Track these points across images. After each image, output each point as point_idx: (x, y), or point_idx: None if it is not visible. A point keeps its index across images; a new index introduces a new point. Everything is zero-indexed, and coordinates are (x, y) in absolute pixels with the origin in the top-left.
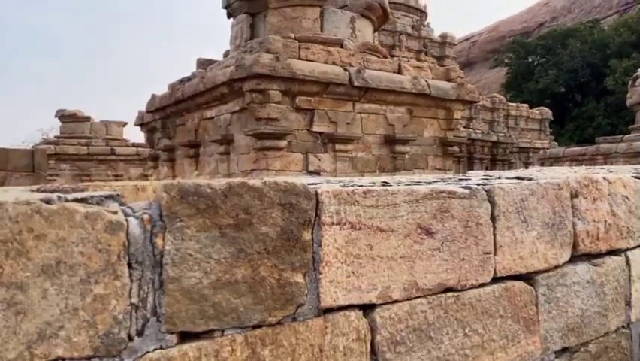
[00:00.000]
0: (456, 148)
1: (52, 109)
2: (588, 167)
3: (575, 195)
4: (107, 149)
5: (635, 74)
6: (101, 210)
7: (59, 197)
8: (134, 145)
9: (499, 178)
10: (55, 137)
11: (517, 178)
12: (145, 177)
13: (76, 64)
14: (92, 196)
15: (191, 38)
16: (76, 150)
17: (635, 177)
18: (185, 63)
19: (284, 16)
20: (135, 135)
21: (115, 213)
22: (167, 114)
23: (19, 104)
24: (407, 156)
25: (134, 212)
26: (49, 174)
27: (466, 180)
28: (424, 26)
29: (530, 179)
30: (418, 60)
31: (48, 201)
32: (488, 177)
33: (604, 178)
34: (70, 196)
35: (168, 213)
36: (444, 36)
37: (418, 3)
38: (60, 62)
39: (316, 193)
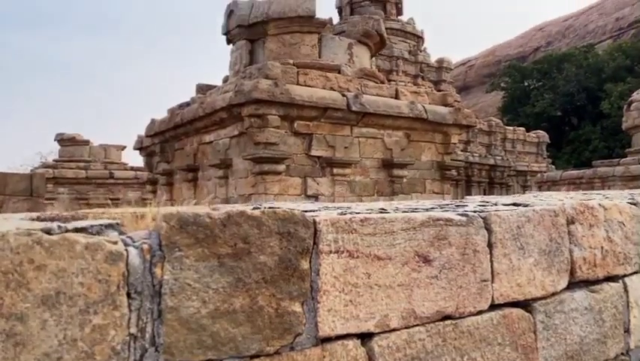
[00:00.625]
0: (453, 172)
1: (52, 132)
2: (584, 192)
3: (571, 221)
4: (105, 172)
5: (630, 99)
6: (101, 240)
7: (60, 227)
8: (132, 169)
9: (495, 205)
10: (54, 160)
11: (514, 204)
12: (143, 200)
13: (76, 87)
14: (92, 225)
15: (191, 63)
16: (75, 174)
17: (630, 203)
18: (185, 88)
19: (282, 42)
20: (134, 159)
21: (115, 243)
22: (166, 138)
23: (18, 128)
24: (405, 180)
25: (134, 242)
26: (47, 198)
27: (463, 206)
28: (420, 51)
29: (527, 205)
30: (415, 84)
31: (49, 231)
32: (485, 204)
33: (599, 205)
34: (70, 226)
35: (167, 243)
36: (440, 61)
37: (414, 29)
38: (60, 86)
39: (314, 222)
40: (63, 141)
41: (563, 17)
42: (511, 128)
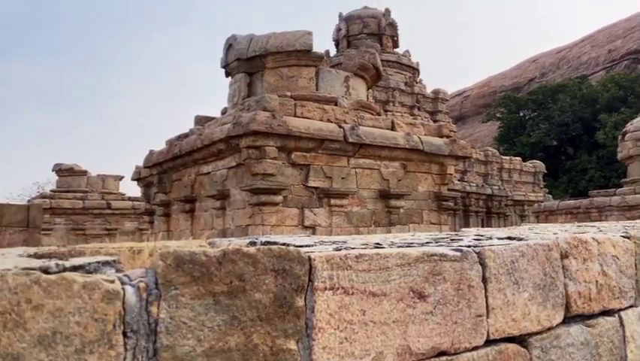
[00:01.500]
0: (450, 203)
1: (50, 162)
2: (579, 224)
3: (565, 255)
4: (102, 203)
5: (624, 129)
6: (98, 279)
7: (57, 265)
8: (129, 199)
9: (490, 239)
10: (51, 191)
11: (509, 238)
12: (140, 230)
13: (75, 117)
14: (90, 263)
15: (190, 95)
16: (72, 204)
17: (623, 237)
18: (184, 119)
19: (280, 75)
20: (131, 189)
21: (112, 282)
22: (164, 170)
23: (15, 158)
24: (402, 211)
25: (131, 280)
26: (44, 229)
27: (458, 240)
28: (416, 83)
29: (521, 239)
30: (412, 115)
31: (47, 270)
32: (480, 238)
33: (593, 238)
34: (68, 264)
35: (164, 282)
36: (436, 92)
37: (410, 61)
38: (59, 116)
39: (309, 258)
40: (61, 171)
41: (556, 49)
42: (507, 158)
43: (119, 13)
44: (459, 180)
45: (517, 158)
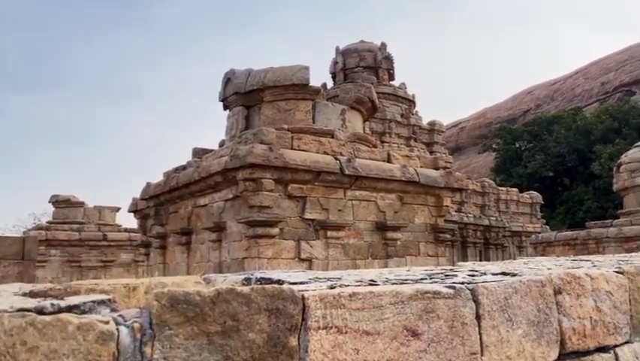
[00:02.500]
0: (447, 235)
1: (46, 192)
2: (574, 258)
3: (558, 291)
4: (98, 234)
5: (619, 161)
6: (93, 320)
7: (53, 305)
8: (126, 230)
9: (484, 275)
10: (47, 222)
11: (503, 274)
12: (136, 262)
13: (73, 149)
14: (85, 303)
15: (189, 127)
16: (68, 236)
17: (617, 272)
18: (183, 151)
19: (278, 108)
20: (128, 220)
21: (107, 322)
22: (161, 202)
23: (11, 188)
24: (399, 243)
25: (125, 321)
26: (39, 261)
27: (452, 276)
28: (412, 114)
29: (515, 274)
30: (408, 146)
31: (42, 310)
32: (474, 273)
33: (586, 274)
34: (63, 304)
35: (158, 322)
36: (432, 123)
37: (405, 93)
38: (57, 147)
39: (303, 297)
40: (58, 202)
41: (550, 81)
42: (504, 188)
43: (118, 46)
44: (456, 212)
45: (514, 189)
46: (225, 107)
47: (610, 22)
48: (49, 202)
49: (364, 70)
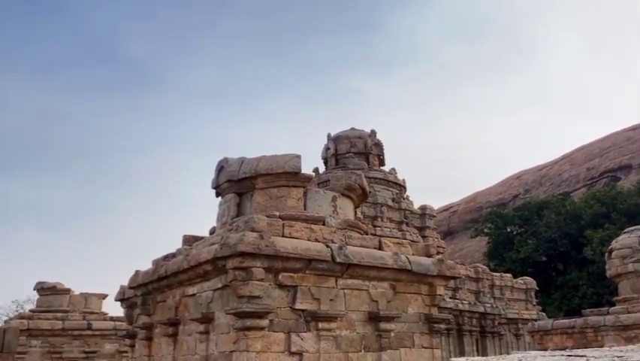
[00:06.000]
0: (442, 325)
1: (31, 277)
2: (569, 354)
3: None
4: (83, 323)
5: (610, 247)
6: None
7: None
8: (112, 319)
9: None
10: (30, 310)
11: None
12: (121, 353)
13: (61, 234)
14: None
15: (180, 213)
16: (51, 325)
17: None
18: (175, 236)
19: (269, 195)
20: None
21: None
22: (149, 290)
23: None
24: (393, 334)
25: None
26: (18, 352)
27: None
28: (403, 199)
29: None
30: (400, 230)
31: None
32: None
33: None
34: None
35: None
36: (423, 208)
37: (396, 178)
38: (45, 231)
39: None
40: (43, 290)
41: (538, 166)
42: (498, 274)
43: (110, 130)
44: (451, 298)
45: (508, 274)
46: (218, 195)
47: (591, 110)
48: (34, 289)
49: (355, 155)
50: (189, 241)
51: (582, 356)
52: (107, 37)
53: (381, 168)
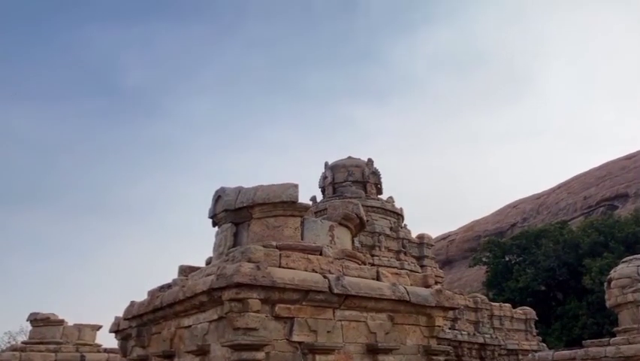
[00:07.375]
0: (441, 358)
1: (25, 307)
2: None
3: None
4: (76, 355)
5: (609, 277)
6: None
7: None
8: (105, 351)
9: None
10: (22, 342)
11: None
12: None
13: (54, 263)
14: None
15: (176, 243)
16: (43, 358)
17: None
18: (171, 266)
19: (266, 225)
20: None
21: None
22: (144, 322)
23: None
24: None
25: None
26: None
27: None
28: (401, 228)
29: None
30: (398, 260)
31: None
32: None
33: None
34: None
35: None
36: (421, 237)
37: (393, 207)
38: (37, 261)
39: None
40: (36, 321)
41: (535, 195)
42: (497, 304)
43: (105, 159)
44: (450, 329)
45: (507, 304)
46: (214, 224)
47: (587, 139)
48: (28, 320)
49: (353, 184)
50: (185, 271)
51: None
52: (104, 67)
53: (379, 196)
